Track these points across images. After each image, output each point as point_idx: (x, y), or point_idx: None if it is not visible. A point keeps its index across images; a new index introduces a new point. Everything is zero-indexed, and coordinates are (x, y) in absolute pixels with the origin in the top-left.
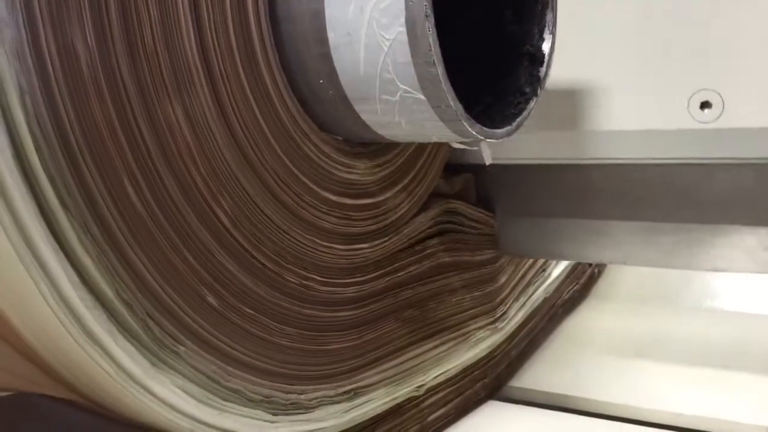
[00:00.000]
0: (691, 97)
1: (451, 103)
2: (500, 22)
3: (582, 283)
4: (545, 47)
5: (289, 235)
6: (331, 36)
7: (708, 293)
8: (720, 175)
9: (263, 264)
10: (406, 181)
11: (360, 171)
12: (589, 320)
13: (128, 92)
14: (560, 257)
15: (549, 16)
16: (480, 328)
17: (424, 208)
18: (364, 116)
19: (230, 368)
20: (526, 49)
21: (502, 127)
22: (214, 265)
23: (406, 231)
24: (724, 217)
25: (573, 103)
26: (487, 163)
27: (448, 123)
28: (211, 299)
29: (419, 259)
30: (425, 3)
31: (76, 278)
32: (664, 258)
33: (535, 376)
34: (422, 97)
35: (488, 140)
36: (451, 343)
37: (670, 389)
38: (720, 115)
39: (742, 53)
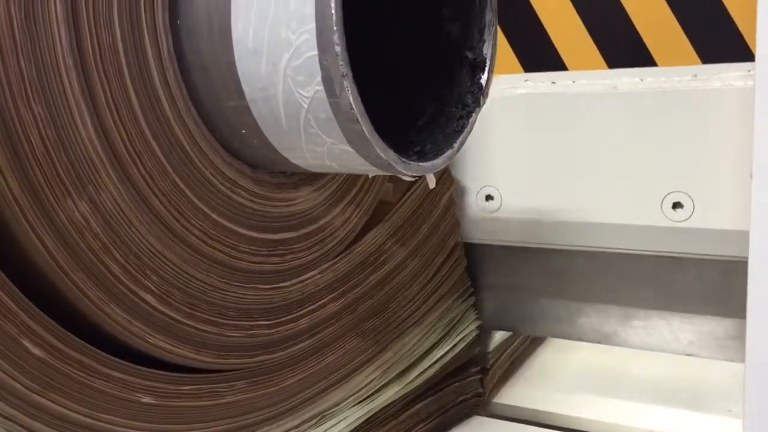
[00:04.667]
0: (664, 198)
1: (381, 153)
2: (438, 20)
3: None
4: (486, 50)
5: (228, 291)
6: (247, 90)
7: None
8: (690, 268)
9: (200, 330)
10: (353, 193)
11: (302, 199)
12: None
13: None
14: (540, 333)
15: (489, 16)
16: (450, 307)
17: (375, 221)
18: (294, 161)
19: None
20: (465, 54)
21: (445, 150)
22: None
23: (358, 249)
24: (693, 307)
25: (559, 196)
26: (431, 188)
27: (381, 167)
28: (147, 399)
29: (375, 268)
30: (341, 63)
31: None
32: (639, 340)
33: (519, 392)
34: (350, 149)
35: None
36: (420, 334)
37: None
38: (691, 215)
39: (713, 160)
